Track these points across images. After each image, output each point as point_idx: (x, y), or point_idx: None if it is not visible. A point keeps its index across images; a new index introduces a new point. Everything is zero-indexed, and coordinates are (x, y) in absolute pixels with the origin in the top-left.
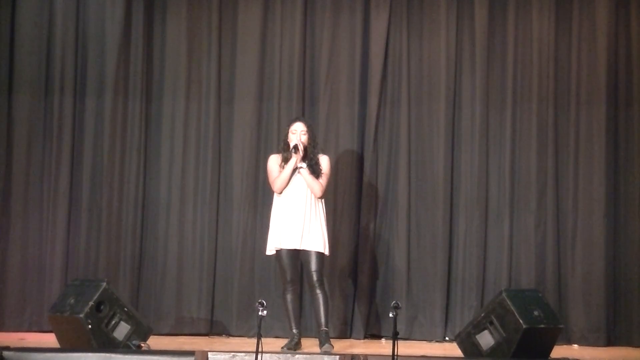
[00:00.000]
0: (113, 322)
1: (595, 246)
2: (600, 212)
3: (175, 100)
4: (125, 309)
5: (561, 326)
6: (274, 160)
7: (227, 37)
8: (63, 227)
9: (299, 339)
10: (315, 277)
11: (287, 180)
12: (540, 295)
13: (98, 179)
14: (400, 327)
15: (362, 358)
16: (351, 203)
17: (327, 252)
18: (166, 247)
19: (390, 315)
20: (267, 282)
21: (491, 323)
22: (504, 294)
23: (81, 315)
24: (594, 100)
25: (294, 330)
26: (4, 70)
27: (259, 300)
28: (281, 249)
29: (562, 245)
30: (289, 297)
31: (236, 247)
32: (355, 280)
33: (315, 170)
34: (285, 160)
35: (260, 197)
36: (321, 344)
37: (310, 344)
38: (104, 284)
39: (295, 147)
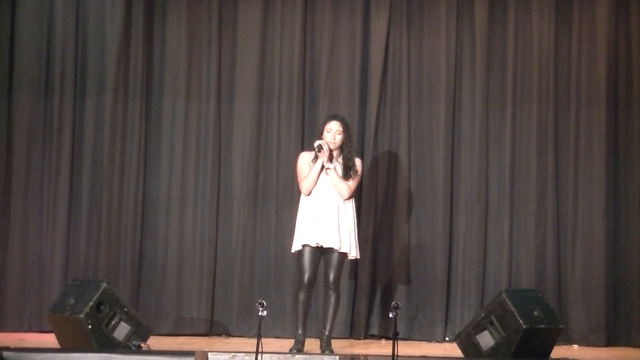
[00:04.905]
0: (113, 322)
1: (595, 246)
2: (600, 212)
3: (175, 100)
4: (125, 309)
5: (561, 326)
6: (304, 159)
7: (227, 37)
8: (63, 227)
9: (304, 340)
10: (332, 279)
11: (314, 182)
12: (540, 295)
13: (98, 179)
14: (400, 327)
15: (362, 358)
16: None
17: (355, 255)
18: (166, 247)
19: (390, 315)
20: (267, 282)
21: (491, 323)
22: (504, 294)
23: (81, 316)
24: (594, 100)
25: (299, 331)
26: (4, 70)
27: (259, 301)
28: (304, 247)
29: (562, 246)
30: (302, 296)
31: (236, 247)
32: (355, 280)
33: (348, 172)
34: (315, 159)
35: (261, 197)
36: (322, 348)
37: (310, 343)
38: (104, 284)
39: (319, 147)
